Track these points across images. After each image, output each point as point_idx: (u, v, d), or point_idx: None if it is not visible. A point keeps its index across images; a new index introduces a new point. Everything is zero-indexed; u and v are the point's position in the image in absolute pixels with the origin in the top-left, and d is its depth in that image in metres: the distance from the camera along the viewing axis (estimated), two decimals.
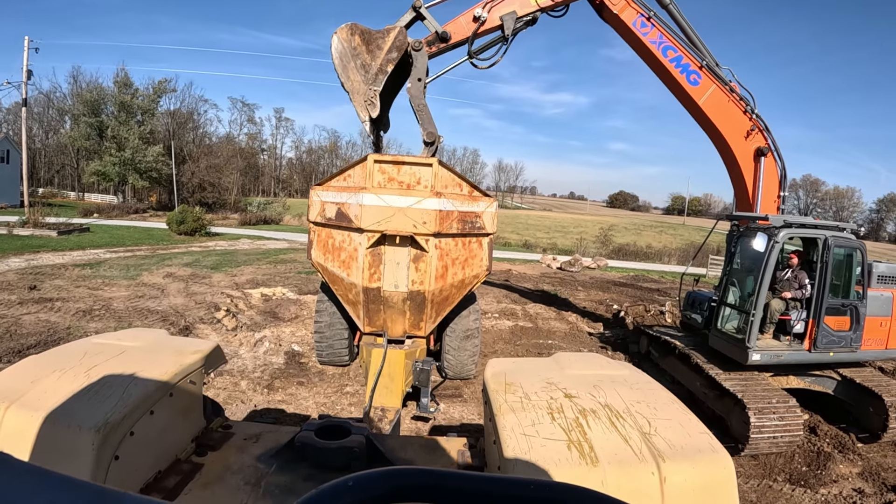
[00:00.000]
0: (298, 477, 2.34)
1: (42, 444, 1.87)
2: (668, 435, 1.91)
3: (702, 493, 1.74)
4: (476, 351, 7.59)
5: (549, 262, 24.74)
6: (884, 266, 7.71)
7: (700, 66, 7.60)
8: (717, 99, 7.65)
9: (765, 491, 5.53)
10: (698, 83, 7.59)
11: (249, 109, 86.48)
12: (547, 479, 0.61)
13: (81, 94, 47.62)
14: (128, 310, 10.76)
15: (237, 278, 15.17)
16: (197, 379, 2.56)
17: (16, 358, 7.16)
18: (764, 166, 7.52)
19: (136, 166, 43.61)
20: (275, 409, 6.72)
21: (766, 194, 7.67)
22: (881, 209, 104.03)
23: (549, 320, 12.84)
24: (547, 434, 1.90)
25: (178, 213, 26.68)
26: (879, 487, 5.67)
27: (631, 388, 2.30)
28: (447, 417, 6.84)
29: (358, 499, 0.59)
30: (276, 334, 9.89)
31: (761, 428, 6.09)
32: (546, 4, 7.65)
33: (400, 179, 5.87)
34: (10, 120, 59.34)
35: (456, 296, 6.53)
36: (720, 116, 7.69)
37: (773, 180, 7.63)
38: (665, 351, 8.74)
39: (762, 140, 7.60)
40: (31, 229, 21.08)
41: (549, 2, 7.65)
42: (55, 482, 0.58)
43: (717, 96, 7.63)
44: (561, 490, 0.63)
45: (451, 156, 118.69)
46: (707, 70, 7.57)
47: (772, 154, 7.47)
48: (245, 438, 2.68)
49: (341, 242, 6.19)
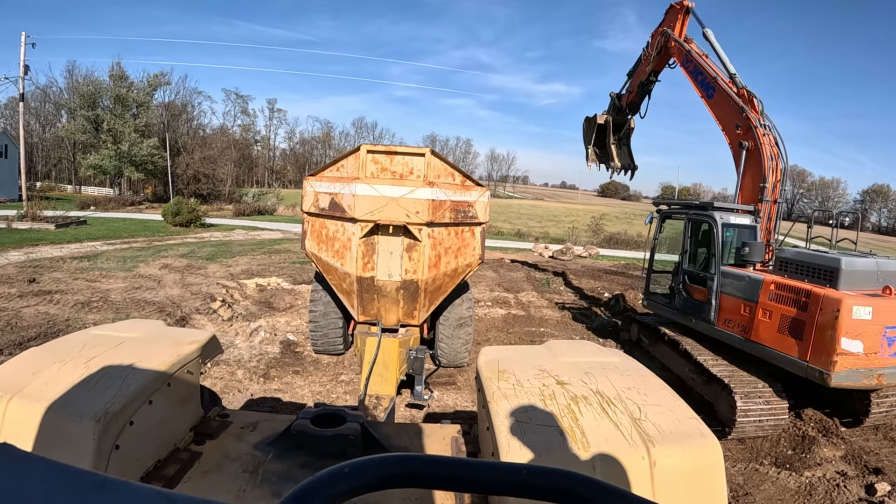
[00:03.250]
0: (295, 464, 2.37)
1: (44, 434, 1.90)
2: (657, 420, 1.94)
3: (690, 477, 1.78)
4: (469, 339, 7.65)
5: (542, 251, 24.77)
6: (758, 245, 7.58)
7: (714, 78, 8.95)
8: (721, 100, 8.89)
9: (751, 474, 5.64)
10: (713, 96, 8.98)
11: (243, 101, 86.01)
12: (539, 465, 0.65)
13: (77, 87, 47.16)
14: (125, 301, 10.79)
15: (232, 269, 15.18)
16: (194, 369, 2.58)
17: (17, 350, 7.18)
18: (744, 160, 8.30)
19: (133, 159, 43.37)
20: (271, 398, 6.78)
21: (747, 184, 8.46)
22: (865, 200, 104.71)
23: (541, 308, 12.92)
24: (539, 420, 1.93)
25: (174, 205, 26.59)
26: (861, 470, 5.78)
27: (622, 375, 2.34)
28: (441, 405, 6.91)
29: (354, 485, 0.60)
30: (271, 324, 9.94)
31: (747, 412, 6.20)
32: (652, 68, 10.85)
33: (393, 169, 5.89)
34: (8, 115, 58.86)
35: (449, 284, 6.58)
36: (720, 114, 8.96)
37: (755, 167, 8.25)
38: (655, 338, 8.86)
39: (750, 138, 8.22)
40: (29, 223, 21.13)
41: (653, 66, 10.78)
42: (57, 471, 0.58)
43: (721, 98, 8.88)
44: (553, 475, 0.63)
45: (444, 145, 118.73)
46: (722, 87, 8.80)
47: (754, 144, 8.10)
48: (242, 427, 2.70)
49: (335, 232, 6.22)
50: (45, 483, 0.56)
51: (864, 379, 5.81)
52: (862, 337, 5.74)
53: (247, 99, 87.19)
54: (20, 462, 0.60)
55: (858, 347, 5.73)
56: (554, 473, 0.63)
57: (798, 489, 5.34)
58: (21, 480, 0.56)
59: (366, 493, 0.62)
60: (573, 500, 0.61)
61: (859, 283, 6.21)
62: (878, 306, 5.80)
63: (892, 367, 5.90)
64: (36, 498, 0.54)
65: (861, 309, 5.73)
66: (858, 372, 5.78)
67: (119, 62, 46.96)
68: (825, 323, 5.88)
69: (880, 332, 5.79)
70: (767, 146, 7.98)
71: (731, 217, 7.99)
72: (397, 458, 0.64)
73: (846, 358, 5.73)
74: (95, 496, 0.54)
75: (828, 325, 5.84)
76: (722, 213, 7.92)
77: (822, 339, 5.92)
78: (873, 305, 5.77)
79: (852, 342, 5.73)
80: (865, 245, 8.18)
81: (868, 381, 5.84)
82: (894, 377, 5.95)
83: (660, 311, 9.21)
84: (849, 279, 6.14)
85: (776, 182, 8.08)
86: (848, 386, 5.86)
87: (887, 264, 6.44)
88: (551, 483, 0.62)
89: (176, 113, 54.36)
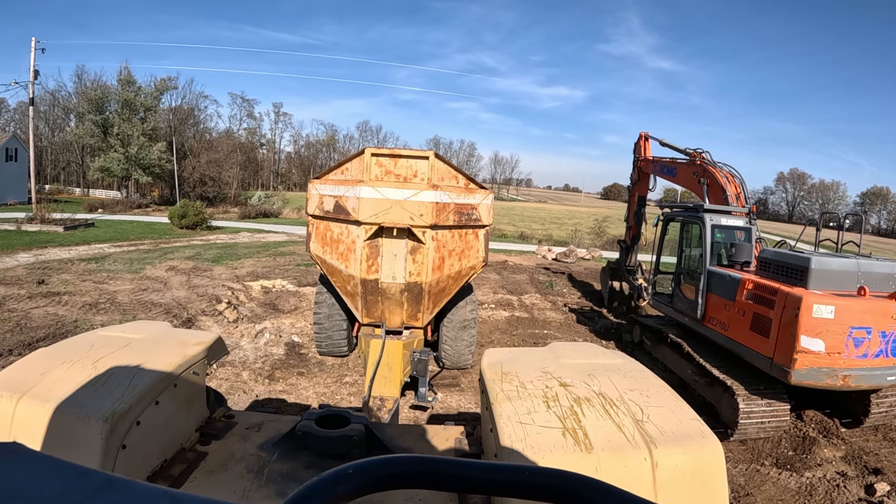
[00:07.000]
0: (300, 465, 2.38)
1: (52, 433, 1.92)
2: (660, 422, 1.95)
3: (692, 478, 1.78)
4: (473, 341, 7.68)
5: (545, 254, 24.72)
6: (742, 247, 7.77)
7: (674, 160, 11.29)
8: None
9: (753, 475, 5.67)
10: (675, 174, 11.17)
11: (249, 105, 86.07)
12: (542, 466, 0.67)
13: (86, 92, 47.33)
14: (132, 303, 10.89)
15: (238, 271, 15.27)
16: (200, 370, 2.60)
17: (26, 350, 7.28)
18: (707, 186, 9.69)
19: (140, 162, 43.69)
20: (276, 399, 6.84)
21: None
22: (865, 202, 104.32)
23: (544, 310, 12.94)
24: (542, 422, 1.93)
25: (180, 208, 26.69)
26: (861, 470, 5.80)
27: (624, 377, 2.35)
28: (445, 406, 6.95)
29: (358, 485, 0.60)
30: (276, 326, 10.01)
31: (749, 414, 6.21)
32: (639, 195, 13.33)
33: (397, 172, 5.91)
34: (18, 119, 59.35)
35: (453, 287, 6.61)
36: None
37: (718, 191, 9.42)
38: (657, 340, 8.89)
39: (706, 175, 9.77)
40: (38, 225, 21.34)
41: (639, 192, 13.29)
42: (65, 470, 0.59)
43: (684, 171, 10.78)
44: (555, 476, 0.63)
45: (448, 148, 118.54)
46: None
47: (711, 179, 9.57)
48: (247, 428, 2.71)
49: (339, 235, 6.25)
50: (54, 481, 0.57)
51: (827, 378, 5.73)
52: (823, 336, 5.69)
53: (252, 103, 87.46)
54: (29, 461, 0.61)
55: (819, 346, 5.69)
56: (556, 475, 0.63)
57: (798, 489, 5.37)
58: (30, 479, 0.57)
59: (370, 493, 0.62)
60: (576, 501, 0.61)
61: (833, 282, 6.16)
62: (841, 306, 5.72)
63: (860, 369, 5.77)
64: (44, 496, 0.54)
65: (822, 308, 5.68)
66: (820, 371, 5.72)
67: (127, 66, 47.04)
68: (788, 321, 5.89)
69: (844, 331, 5.71)
70: (720, 174, 9.34)
71: (723, 219, 8.15)
72: (401, 460, 0.64)
73: (806, 356, 5.69)
74: (103, 495, 0.55)
75: (790, 323, 5.84)
76: (712, 216, 8.14)
77: (784, 337, 5.93)
78: (836, 305, 5.70)
79: (812, 340, 5.70)
80: (865, 247, 8.17)
81: (832, 381, 5.75)
82: (863, 379, 5.81)
83: (662, 310, 9.33)
84: (819, 278, 6.12)
85: (737, 192, 9.02)
86: (809, 385, 5.81)
87: (869, 265, 6.37)
88: (554, 484, 0.62)
89: (182, 117, 54.57)
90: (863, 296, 5.90)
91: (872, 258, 6.89)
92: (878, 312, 5.82)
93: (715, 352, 7.33)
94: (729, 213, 8.37)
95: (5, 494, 0.53)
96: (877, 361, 5.83)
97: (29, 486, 0.55)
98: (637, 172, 13.09)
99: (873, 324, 5.78)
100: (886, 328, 5.83)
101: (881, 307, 5.84)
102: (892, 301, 5.88)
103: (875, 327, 5.79)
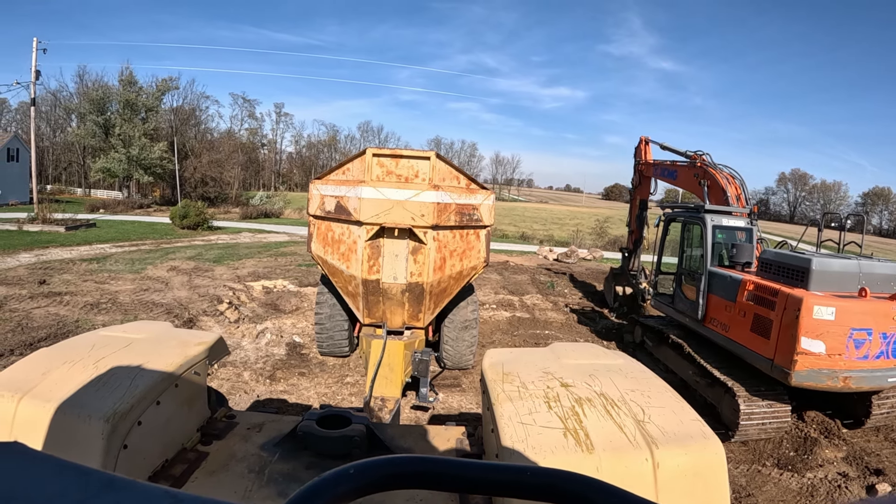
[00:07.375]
0: (301, 465, 2.39)
1: (54, 433, 1.92)
2: (661, 422, 1.95)
3: (694, 478, 1.79)
4: (474, 341, 7.68)
5: (546, 254, 24.71)
6: (743, 248, 7.76)
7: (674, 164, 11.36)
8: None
9: (754, 475, 5.67)
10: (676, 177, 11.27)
11: (250, 105, 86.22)
12: (543, 466, 0.66)
13: (87, 92, 47.42)
14: (133, 303, 10.91)
15: (239, 271, 15.29)
16: (201, 370, 2.61)
17: (27, 350, 7.29)
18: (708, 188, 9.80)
19: (142, 163, 43.76)
20: (277, 400, 6.84)
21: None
22: (866, 202, 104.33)
23: (545, 311, 12.93)
24: (544, 422, 1.94)
25: (181, 208, 26.73)
26: (863, 471, 5.79)
27: (626, 377, 2.35)
28: (446, 407, 6.95)
29: (359, 485, 0.60)
30: (277, 326, 10.02)
31: (750, 414, 6.21)
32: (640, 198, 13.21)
33: (398, 173, 5.90)
34: (19, 119, 59.38)
35: (454, 287, 6.61)
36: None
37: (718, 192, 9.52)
38: (658, 341, 8.89)
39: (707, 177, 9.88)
40: (39, 225, 21.39)
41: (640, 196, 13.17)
42: (67, 470, 0.59)
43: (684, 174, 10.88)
44: (556, 476, 0.63)
45: (449, 149, 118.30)
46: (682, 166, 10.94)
47: (712, 181, 9.66)
48: (249, 428, 2.72)
49: (341, 235, 6.26)
50: (55, 481, 0.57)
51: (828, 380, 5.71)
52: (824, 337, 5.67)
53: (254, 103, 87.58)
54: (30, 460, 0.61)
55: (820, 348, 5.67)
56: (557, 475, 0.63)
57: (800, 490, 5.37)
58: (31, 478, 0.57)
59: (371, 493, 0.62)
60: (577, 501, 0.61)
61: (835, 284, 6.14)
62: (842, 307, 5.70)
63: (860, 371, 5.74)
64: (45, 496, 0.54)
65: (823, 309, 5.66)
66: (820, 372, 5.70)
67: (128, 67, 47.13)
68: (788, 322, 5.88)
69: (845, 333, 5.69)
70: (720, 176, 9.38)
71: (724, 220, 8.15)
72: (402, 460, 0.64)
73: (807, 358, 5.67)
74: (104, 495, 0.55)
75: (790, 324, 5.83)
76: (713, 216, 8.15)
77: (785, 338, 5.92)
78: (837, 306, 5.68)
79: (813, 342, 5.68)
80: (866, 248, 8.17)
81: (832, 383, 5.73)
82: (863, 381, 5.79)
83: (663, 310, 9.35)
84: (820, 279, 6.10)
85: (738, 194, 9.04)
86: (810, 386, 5.80)
87: (870, 266, 6.35)
88: (555, 484, 0.62)
89: (184, 117, 54.65)
90: (864, 297, 5.89)
91: (874, 259, 6.87)
92: (879, 314, 5.81)
93: (716, 352, 7.34)
94: (730, 214, 8.39)
95: (7, 494, 0.53)
96: (877, 363, 5.82)
97: (30, 485, 0.55)
98: (638, 176, 13.29)
99: (874, 325, 5.77)
100: (887, 329, 5.82)
101: (882, 308, 5.83)
102: (893, 302, 5.87)
103: (876, 329, 5.78)
